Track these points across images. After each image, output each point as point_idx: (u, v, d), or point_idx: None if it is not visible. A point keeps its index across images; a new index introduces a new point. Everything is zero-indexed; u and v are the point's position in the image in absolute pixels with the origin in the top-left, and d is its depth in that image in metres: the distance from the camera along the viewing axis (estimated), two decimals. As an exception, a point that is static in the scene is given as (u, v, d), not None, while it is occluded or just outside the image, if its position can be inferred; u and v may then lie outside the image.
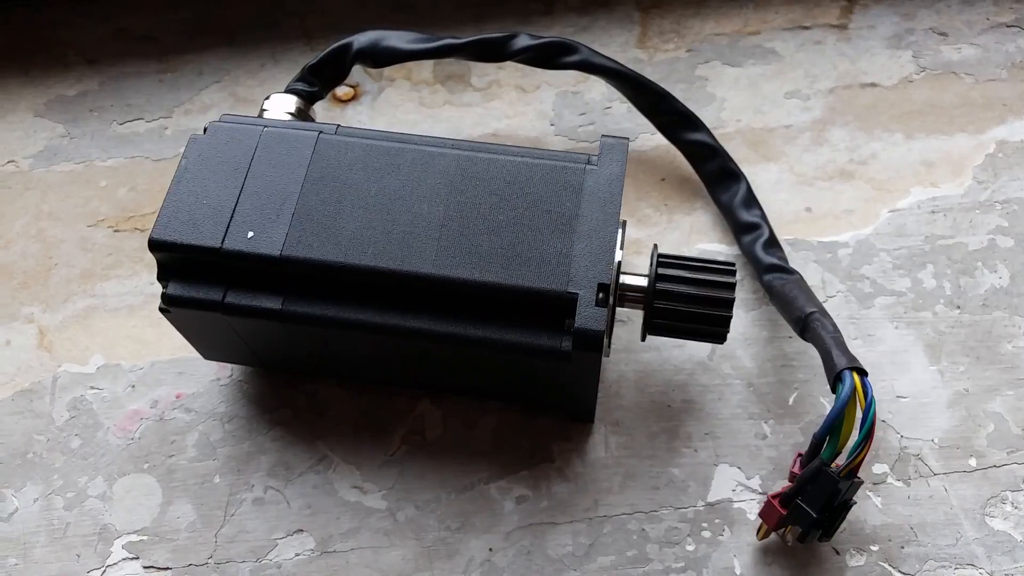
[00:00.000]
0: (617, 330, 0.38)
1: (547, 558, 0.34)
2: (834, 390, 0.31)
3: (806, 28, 0.47)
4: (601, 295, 0.31)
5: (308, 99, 0.39)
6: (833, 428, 0.31)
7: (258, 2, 0.50)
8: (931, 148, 0.43)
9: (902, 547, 0.34)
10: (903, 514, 0.35)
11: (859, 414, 0.31)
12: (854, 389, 0.31)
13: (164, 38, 0.49)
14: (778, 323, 0.38)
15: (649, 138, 0.44)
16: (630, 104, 0.42)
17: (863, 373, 0.31)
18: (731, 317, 0.33)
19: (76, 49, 0.49)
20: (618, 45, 0.47)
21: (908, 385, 0.37)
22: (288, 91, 0.39)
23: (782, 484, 0.35)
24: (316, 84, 0.39)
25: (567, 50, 0.40)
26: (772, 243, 0.38)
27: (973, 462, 0.35)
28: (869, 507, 0.35)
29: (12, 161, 0.46)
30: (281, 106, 0.38)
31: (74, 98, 0.47)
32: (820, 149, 0.43)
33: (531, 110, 0.45)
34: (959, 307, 0.39)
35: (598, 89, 0.46)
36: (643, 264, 0.39)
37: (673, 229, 0.41)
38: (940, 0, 0.47)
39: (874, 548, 0.34)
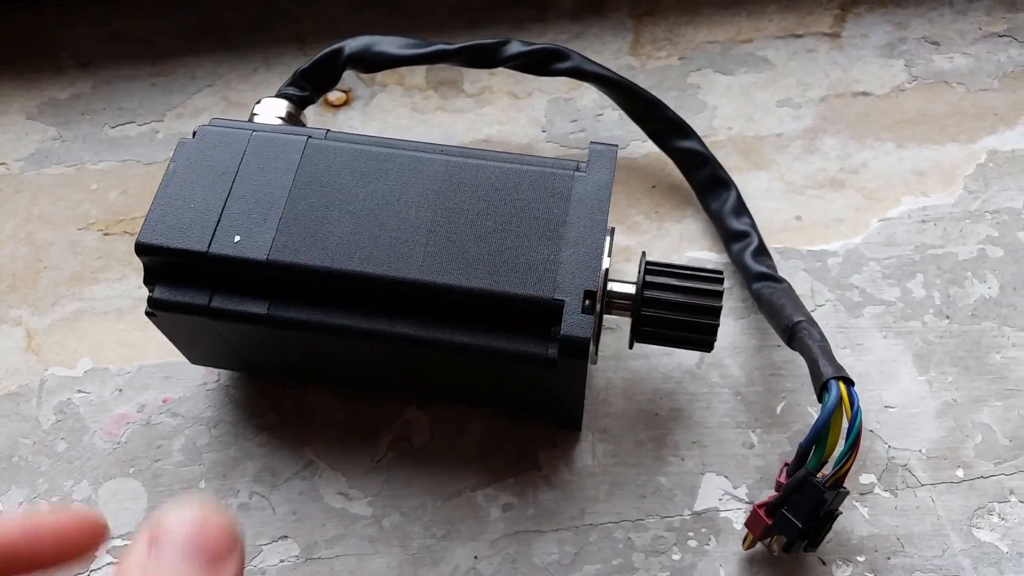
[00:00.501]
0: (605, 337, 0.38)
1: (533, 566, 0.34)
2: (820, 399, 0.31)
3: (799, 36, 0.47)
4: (588, 302, 0.31)
5: (299, 104, 0.39)
6: (819, 438, 0.31)
7: (252, 6, 0.50)
8: (922, 157, 0.43)
9: (888, 558, 0.34)
10: (890, 525, 0.34)
11: (845, 424, 0.31)
12: (840, 399, 0.31)
13: (157, 41, 0.49)
14: (767, 332, 0.38)
15: (640, 145, 0.44)
16: (622, 111, 0.42)
17: (850, 383, 0.31)
18: (718, 325, 0.33)
19: (69, 52, 0.49)
20: (611, 52, 0.47)
21: (896, 395, 0.37)
22: (279, 95, 0.39)
23: (769, 493, 0.34)
24: (307, 89, 0.39)
25: (559, 57, 0.40)
26: (761, 251, 0.38)
27: (960, 473, 0.35)
28: (856, 517, 0.35)
29: (3, 163, 0.46)
30: (271, 111, 0.38)
31: (66, 101, 0.47)
32: (811, 157, 0.43)
33: (523, 116, 0.45)
34: (948, 317, 0.39)
35: (590, 96, 0.46)
36: (633, 271, 0.39)
37: (663, 236, 0.41)
38: (933, 10, 0.47)
39: (860, 559, 0.34)
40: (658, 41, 0.47)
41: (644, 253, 0.34)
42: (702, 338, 0.33)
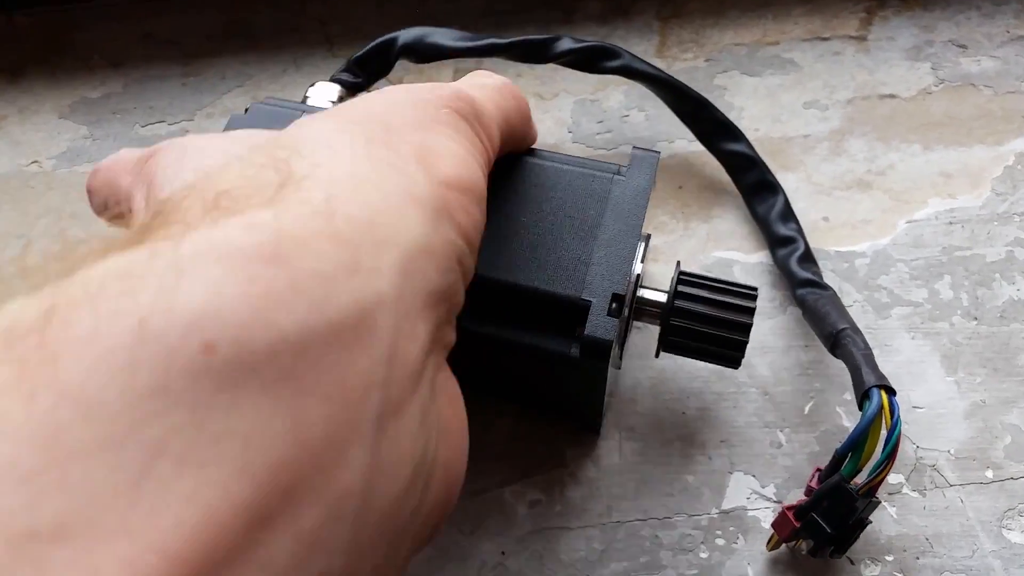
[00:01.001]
0: (633, 336, 0.39)
1: (560, 563, 0.34)
2: (861, 407, 0.31)
3: (825, 39, 0.47)
4: (614, 305, 0.30)
5: (351, 90, 0.39)
6: (856, 445, 0.30)
7: (281, 9, 0.50)
8: (949, 159, 0.43)
9: (917, 558, 0.34)
10: (919, 525, 0.34)
11: (883, 433, 0.30)
12: (881, 407, 0.30)
13: (188, 42, 0.50)
14: (795, 332, 0.38)
15: (667, 146, 0.44)
16: (647, 112, 0.42)
17: (891, 392, 0.31)
18: (747, 342, 0.32)
19: (101, 52, 0.50)
20: (637, 54, 0.47)
21: (924, 395, 0.37)
22: (332, 80, 0.39)
23: (797, 493, 0.35)
24: (360, 76, 0.40)
25: (610, 55, 0.40)
26: (807, 258, 0.38)
27: (990, 474, 0.35)
28: (884, 517, 0.35)
29: (36, 161, 0.46)
30: (324, 95, 0.38)
31: (98, 100, 0.48)
32: (838, 159, 0.43)
33: (549, 117, 0.46)
34: (976, 318, 0.39)
35: (616, 97, 0.46)
36: (661, 273, 0.39)
37: (689, 237, 0.42)
38: (960, 12, 0.47)
39: (889, 558, 0.34)
40: (684, 43, 0.48)
41: (679, 263, 0.34)
42: (729, 353, 0.33)
